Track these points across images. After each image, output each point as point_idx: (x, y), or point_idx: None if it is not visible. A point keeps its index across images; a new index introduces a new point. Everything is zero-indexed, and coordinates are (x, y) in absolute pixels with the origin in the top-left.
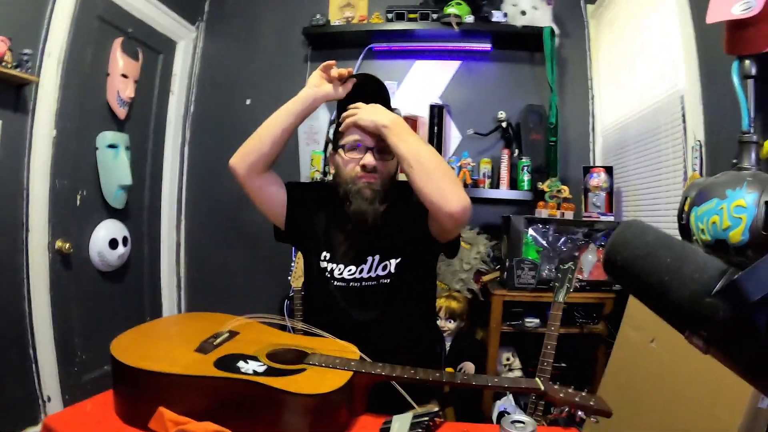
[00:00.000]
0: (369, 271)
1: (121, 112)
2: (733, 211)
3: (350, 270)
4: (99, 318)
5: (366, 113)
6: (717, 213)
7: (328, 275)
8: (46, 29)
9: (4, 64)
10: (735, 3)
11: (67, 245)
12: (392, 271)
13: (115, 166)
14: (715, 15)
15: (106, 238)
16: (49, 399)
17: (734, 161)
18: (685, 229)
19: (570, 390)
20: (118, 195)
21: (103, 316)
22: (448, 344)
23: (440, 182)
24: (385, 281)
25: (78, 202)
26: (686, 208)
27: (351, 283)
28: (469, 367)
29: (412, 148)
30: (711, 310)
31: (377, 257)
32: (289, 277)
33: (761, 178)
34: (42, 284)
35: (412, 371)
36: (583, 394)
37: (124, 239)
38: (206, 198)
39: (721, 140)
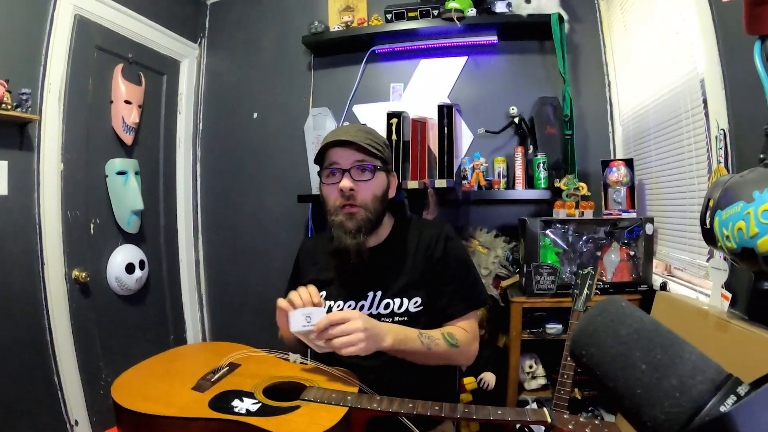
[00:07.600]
0: (370, 308)
1: (128, 138)
2: (761, 216)
3: (350, 305)
4: (123, 341)
5: (367, 343)
6: (743, 218)
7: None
8: (44, 66)
9: (3, 106)
10: None
11: (84, 274)
12: (410, 310)
13: (125, 193)
14: None
15: (122, 264)
16: (76, 423)
17: (761, 156)
18: (708, 234)
19: (581, 419)
20: (131, 220)
21: (127, 338)
22: None
23: (451, 360)
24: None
25: (92, 231)
26: (710, 208)
27: None
28: (489, 377)
29: (420, 354)
30: None
31: (378, 293)
32: None
33: None
34: (62, 314)
35: (410, 405)
36: (596, 422)
37: (141, 263)
38: (222, 213)
39: (747, 129)
